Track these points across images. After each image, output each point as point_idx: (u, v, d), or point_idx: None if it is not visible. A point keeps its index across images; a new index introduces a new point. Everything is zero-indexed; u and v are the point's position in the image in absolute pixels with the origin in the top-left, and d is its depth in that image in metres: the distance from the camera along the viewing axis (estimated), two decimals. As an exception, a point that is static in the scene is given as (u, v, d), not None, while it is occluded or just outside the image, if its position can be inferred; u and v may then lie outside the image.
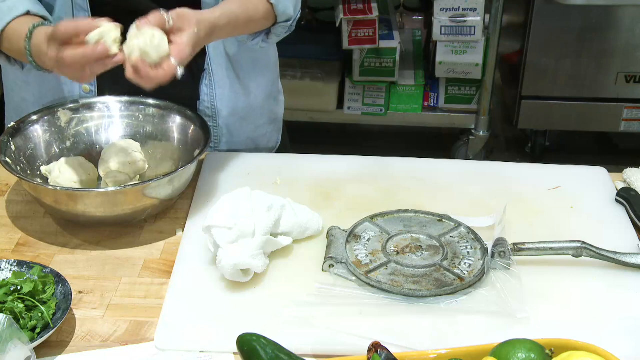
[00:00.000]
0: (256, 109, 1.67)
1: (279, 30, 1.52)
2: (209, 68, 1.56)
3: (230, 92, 1.60)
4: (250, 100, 1.64)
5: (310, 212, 1.36)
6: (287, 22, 1.51)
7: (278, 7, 1.46)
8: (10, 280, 1.17)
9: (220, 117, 1.61)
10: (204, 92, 1.59)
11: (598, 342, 1.03)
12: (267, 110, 1.71)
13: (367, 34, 2.95)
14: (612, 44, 3.02)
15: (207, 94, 1.59)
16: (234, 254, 1.21)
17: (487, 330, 1.15)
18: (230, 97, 1.61)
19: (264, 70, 1.67)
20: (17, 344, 1.03)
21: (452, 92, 3.17)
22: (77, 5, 1.47)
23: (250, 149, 1.67)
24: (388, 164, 1.58)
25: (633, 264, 1.28)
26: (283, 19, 1.49)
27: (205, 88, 1.58)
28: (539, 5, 2.97)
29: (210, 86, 1.58)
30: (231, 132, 1.64)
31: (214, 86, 1.58)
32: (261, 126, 1.70)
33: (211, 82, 1.58)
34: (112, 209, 1.33)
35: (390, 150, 1.83)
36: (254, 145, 1.69)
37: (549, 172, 1.57)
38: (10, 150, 1.42)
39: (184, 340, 1.14)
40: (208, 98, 1.59)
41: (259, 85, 1.66)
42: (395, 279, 1.24)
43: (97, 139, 1.54)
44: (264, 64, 1.66)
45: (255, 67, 1.64)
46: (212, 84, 1.58)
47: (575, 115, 3.18)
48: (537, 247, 1.28)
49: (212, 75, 1.57)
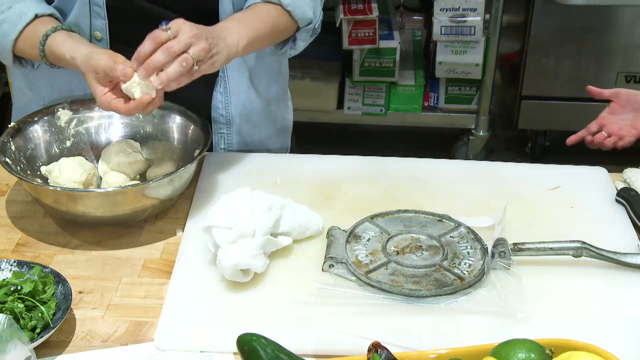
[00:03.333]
0: (268, 115, 1.66)
1: (304, 35, 1.52)
2: (225, 75, 1.56)
3: (245, 99, 1.60)
4: (263, 107, 1.64)
5: (310, 212, 1.36)
6: (309, 26, 1.51)
7: (295, 12, 1.46)
8: (10, 280, 1.17)
9: (234, 123, 1.61)
10: (218, 100, 1.58)
11: (598, 342, 1.03)
12: (279, 117, 1.71)
13: (367, 34, 2.95)
14: (612, 44, 3.02)
15: (221, 101, 1.58)
16: (234, 254, 1.21)
17: (487, 330, 1.15)
18: (245, 104, 1.60)
19: (277, 77, 1.67)
20: (17, 344, 1.03)
21: (452, 92, 3.17)
22: (94, 13, 1.47)
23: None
24: (388, 164, 1.58)
25: (633, 264, 1.28)
26: (304, 24, 1.49)
27: (219, 95, 1.58)
28: (539, 5, 2.97)
29: (225, 93, 1.57)
30: (244, 139, 1.64)
31: (229, 93, 1.58)
32: (273, 133, 1.70)
33: (226, 89, 1.57)
34: (112, 209, 1.33)
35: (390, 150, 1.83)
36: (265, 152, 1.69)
37: (549, 172, 1.57)
38: (10, 150, 1.42)
39: (184, 340, 1.14)
40: (222, 105, 1.58)
41: (271, 92, 1.66)
42: (395, 279, 1.24)
43: (97, 139, 1.54)
44: (277, 70, 1.66)
45: (270, 74, 1.64)
46: (227, 91, 1.57)
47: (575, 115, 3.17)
48: (537, 247, 1.28)
49: (227, 82, 1.57)
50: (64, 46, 1.36)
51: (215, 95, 1.58)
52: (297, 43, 1.54)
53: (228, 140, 1.62)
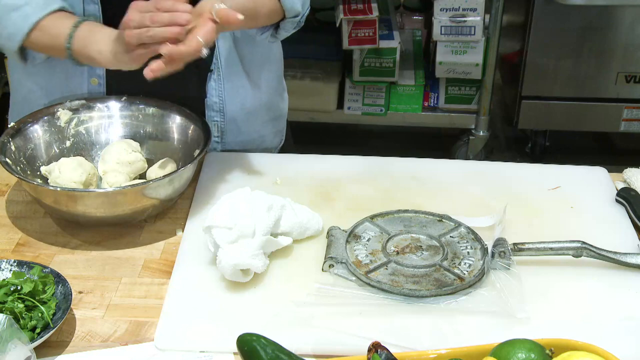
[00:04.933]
0: (263, 104, 1.67)
1: (288, 25, 1.53)
2: (218, 62, 1.57)
3: (238, 86, 1.61)
4: (257, 95, 1.65)
5: (310, 212, 1.36)
6: (296, 18, 1.52)
7: (286, 3, 1.47)
8: (10, 280, 1.17)
9: (228, 112, 1.62)
10: (212, 87, 1.59)
11: (598, 342, 1.03)
12: (274, 106, 1.72)
13: (367, 34, 2.95)
14: (612, 44, 3.02)
15: (215, 89, 1.59)
16: (234, 254, 1.21)
17: (487, 330, 1.15)
18: (239, 92, 1.62)
19: (271, 66, 1.68)
20: (17, 344, 1.03)
21: (452, 92, 3.17)
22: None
23: (256, 145, 1.68)
24: (388, 164, 1.58)
25: (633, 264, 1.28)
26: (291, 15, 1.50)
27: (213, 83, 1.59)
28: (539, 5, 2.97)
29: (218, 81, 1.58)
30: (239, 128, 1.65)
31: (222, 81, 1.59)
32: (268, 122, 1.71)
33: (219, 76, 1.58)
34: (112, 209, 1.33)
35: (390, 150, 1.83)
36: (260, 142, 1.70)
37: (549, 172, 1.57)
38: (10, 150, 1.42)
39: (184, 340, 1.14)
40: (216, 93, 1.59)
41: (265, 81, 1.67)
42: (395, 279, 1.24)
43: (97, 139, 1.54)
44: (271, 59, 1.68)
45: (263, 62, 1.65)
46: (220, 78, 1.58)
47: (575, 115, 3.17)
48: (537, 247, 1.28)
49: (220, 69, 1.57)
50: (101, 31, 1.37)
51: (209, 83, 1.58)
52: (279, 32, 1.54)
53: (222, 129, 1.62)
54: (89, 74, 1.55)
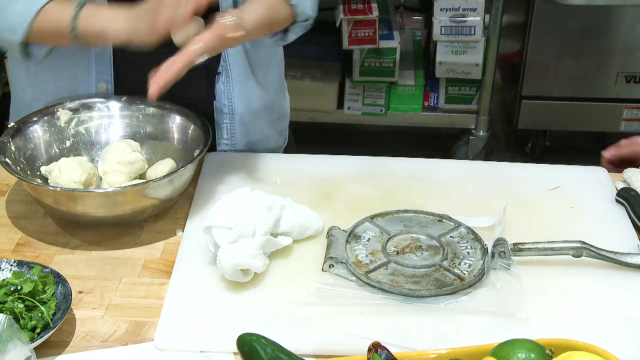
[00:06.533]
0: (268, 104, 1.68)
1: (297, 28, 1.54)
2: (227, 64, 1.57)
3: (246, 88, 1.61)
4: (263, 96, 1.66)
5: (310, 212, 1.36)
6: (306, 22, 1.53)
7: (298, 8, 1.48)
8: (10, 280, 1.17)
9: (237, 114, 1.62)
10: (221, 90, 1.59)
11: (598, 342, 1.03)
12: (278, 105, 1.72)
13: (367, 34, 2.95)
14: (612, 44, 3.02)
15: (224, 92, 1.59)
16: (234, 254, 1.21)
17: (487, 330, 1.15)
18: (247, 93, 1.62)
19: (275, 67, 1.69)
20: (17, 344, 1.03)
21: (452, 92, 3.17)
22: None
23: (262, 145, 1.68)
24: (388, 164, 1.58)
25: (633, 264, 1.27)
26: (302, 19, 1.51)
27: (222, 86, 1.58)
28: (539, 5, 2.97)
29: (227, 83, 1.58)
30: (247, 129, 1.65)
31: (231, 83, 1.59)
32: (273, 122, 1.71)
33: (228, 79, 1.58)
34: (112, 209, 1.33)
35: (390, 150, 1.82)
36: (266, 142, 1.70)
37: (549, 172, 1.57)
38: (10, 150, 1.42)
39: (184, 340, 1.14)
40: (225, 95, 1.59)
41: (270, 81, 1.67)
42: (395, 279, 1.24)
43: (97, 139, 1.54)
44: (274, 60, 1.69)
45: (268, 63, 1.65)
46: (229, 81, 1.58)
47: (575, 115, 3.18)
48: (537, 247, 1.28)
49: (229, 72, 1.57)
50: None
51: (218, 85, 1.58)
52: (288, 35, 1.55)
53: (231, 130, 1.63)
54: (96, 79, 1.54)
